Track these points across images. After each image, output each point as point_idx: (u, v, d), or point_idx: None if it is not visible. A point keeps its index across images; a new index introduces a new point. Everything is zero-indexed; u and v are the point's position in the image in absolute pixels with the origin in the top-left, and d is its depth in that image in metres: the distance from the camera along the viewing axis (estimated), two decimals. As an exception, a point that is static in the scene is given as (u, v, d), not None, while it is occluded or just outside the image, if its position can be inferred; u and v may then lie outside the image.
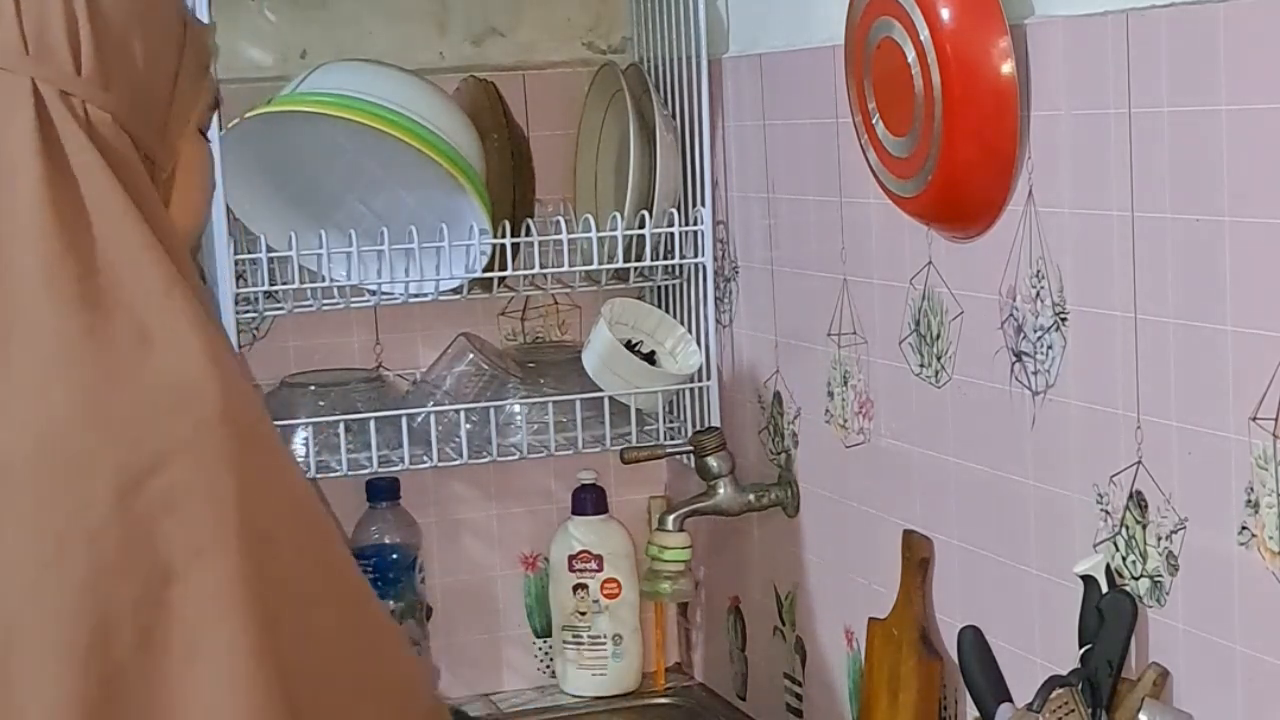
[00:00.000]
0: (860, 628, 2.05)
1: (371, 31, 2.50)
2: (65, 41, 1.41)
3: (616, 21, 2.61)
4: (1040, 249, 1.68)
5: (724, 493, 2.28)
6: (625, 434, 2.40)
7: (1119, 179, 1.57)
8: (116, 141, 1.42)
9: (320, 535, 1.44)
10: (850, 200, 2.04)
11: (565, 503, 2.57)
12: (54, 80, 1.41)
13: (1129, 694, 1.56)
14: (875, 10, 1.79)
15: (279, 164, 2.31)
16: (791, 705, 2.30)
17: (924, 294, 1.89)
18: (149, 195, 1.43)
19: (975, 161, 1.70)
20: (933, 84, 1.70)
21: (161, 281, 1.39)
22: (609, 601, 2.53)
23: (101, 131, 1.41)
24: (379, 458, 2.32)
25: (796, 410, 2.22)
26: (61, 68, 1.41)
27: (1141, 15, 1.52)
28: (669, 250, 2.39)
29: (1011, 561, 1.78)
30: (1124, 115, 1.55)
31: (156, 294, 1.39)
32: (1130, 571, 1.60)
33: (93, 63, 1.41)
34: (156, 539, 1.33)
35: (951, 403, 1.86)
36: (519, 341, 2.59)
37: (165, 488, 1.34)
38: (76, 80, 1.41)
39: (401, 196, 2.39)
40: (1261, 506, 1.43)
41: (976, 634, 1.79)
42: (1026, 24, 1.67)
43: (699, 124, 2.35)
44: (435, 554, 2.56)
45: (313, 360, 2.48)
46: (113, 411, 1.35)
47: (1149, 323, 1.55)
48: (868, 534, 2.06)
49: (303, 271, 2.27)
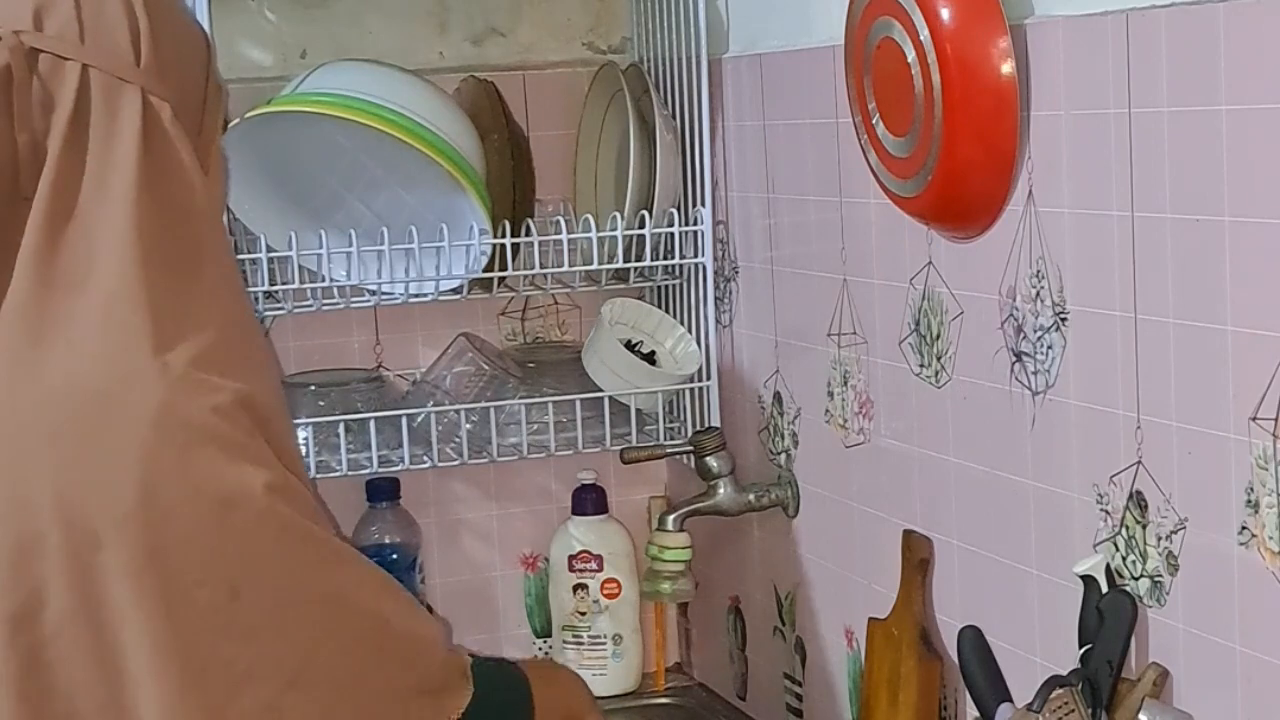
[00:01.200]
0: (860, 628, 2.05)
1: (371, 31, 2.50)
2: (127, 32, 1.44)
3: (616, 21, 2.61)
4: (1040, 249, 1.68)
5: (724, 493, 2.28)
6: (625, 434, 2.40)
7: (1119, 179, 1.57)
8: (174, 131, 1.45)
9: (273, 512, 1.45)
10: (850, 200, 2.03)
11: (565, 503, 2.57)
12: (111, 69, 1.43)
13: (1129, 694, 1.56)
14: (875, 10, 1.79)
15: (279, 164, 2.31)
16: (791, 705, 2.30)
17: (924, 294, 1.89)
18: (199, 193, 1.46)
19: (975, 161, 1.70)
20: (933, 84, 1.70)
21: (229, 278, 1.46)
22: (609, 601, 2.53)
23: (162, 121, 1.44)
24: (379, 458, 2.32)
25: (796, 410, 2.22)
26: (121, 57, 1.43)
27: (1141, 15, 1.52)
28: (669, 250, 2.39)
29: (1011, 561, 1.78)
30: (1124, 115, 1.55)
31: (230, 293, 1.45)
32: (1130, 571, 1.60)
33: (151, 54, 1.44)
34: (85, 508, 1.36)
35: (951, 403, 1.86)
36: (519, 341, 2.59)
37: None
38: (135, 70, 1.43)
39: (401, 196, 2.39)
40: (1261, 506, 1.43)
41: (976, 634, 1.79)
42: (1026, 24, 1.67)
43: (699, 124, 2.35)
44: (435, 554, 2.56)
45: (313, 360, 2.48)
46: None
47: (1149, 323, 1.55)
48: (868, 534, 2.06)
49: (303, 271, 2.27)
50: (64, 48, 1.44)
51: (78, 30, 1.44)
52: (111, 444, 1.38)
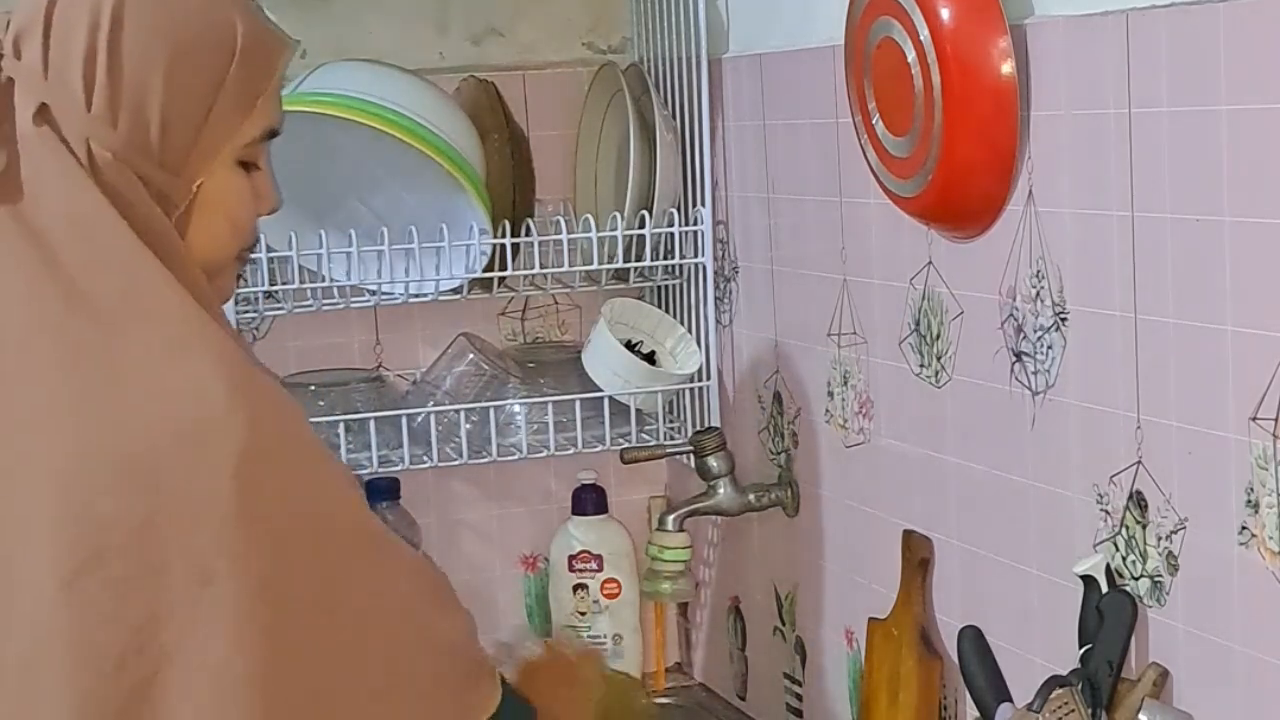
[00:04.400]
0: (860, 628, 2.05)
1: (371, 31, 2.50)
2: (80, 76, 1.44)
3: (616, 21, 2.61)
4: (1040, 249, 1.68)
5: (724, 493, 2.28)
6: (625, 434, 2.40)
7: (1119, 179, 1.57)
8: (118, 178, 1.44)
9: (333, 536, 1.47)
10: (850, 200, 2.03)
11: (565, 503, 2.57)
12: (61, 110, 1.44)
13: (1129, 694, 1.56)
14: (875, 10, 1.79)
15: (279, 164, 2.30)
16: (791, 705, 2.30)
17: (924, 294, 1.89)
18: (150, 227, 1.45)
19: (975, 161, 1.70)
20: (933, 84, 1.70)
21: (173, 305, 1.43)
22: (609, 601, 2.53)
23: (101, 167, 1.43)
24: (379, 458, 2.32)
25: (796, 410, 2.22)
26: (73, 101, 1.44)
27: (1141, 15, 1.52)
28: (669, 250, 2.39)
29: (1011, 561, 1.78)
30: (1124, 115, 1.55)
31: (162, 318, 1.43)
32: (1130, 571, 1.60)
33: (104, 101, 1.44)
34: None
35: (951, 403, 1.86)
36: (519, 341, 2.59)
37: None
38: (85, 117, 1.43)
39: (401, 196, 2.39)
40: (1261, 506, 1.43)
41: (976, 634, 1.79)
42: (1026, 24, 1.67)
43: (699, 124, 2.34)
44: (435, 554, 2.53)
45: (313, 360, 2.48)
46: (120, 450, 1.39)
47: (1149, 323, 1.55)
48: (868, 534, 2.05)
49: (303, 271, 2.27)
50: (31, 81, 1.44)
51: (43, 66, 1.44)
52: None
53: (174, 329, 1.42)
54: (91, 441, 1.39)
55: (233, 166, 1.51)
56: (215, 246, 1.52)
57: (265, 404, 1.43)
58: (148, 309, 1.42)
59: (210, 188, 1.49)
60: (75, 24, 1.43)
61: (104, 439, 1.39)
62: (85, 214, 1.42)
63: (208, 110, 1.47)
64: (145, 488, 1.38)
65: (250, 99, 1.50)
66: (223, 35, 1.48)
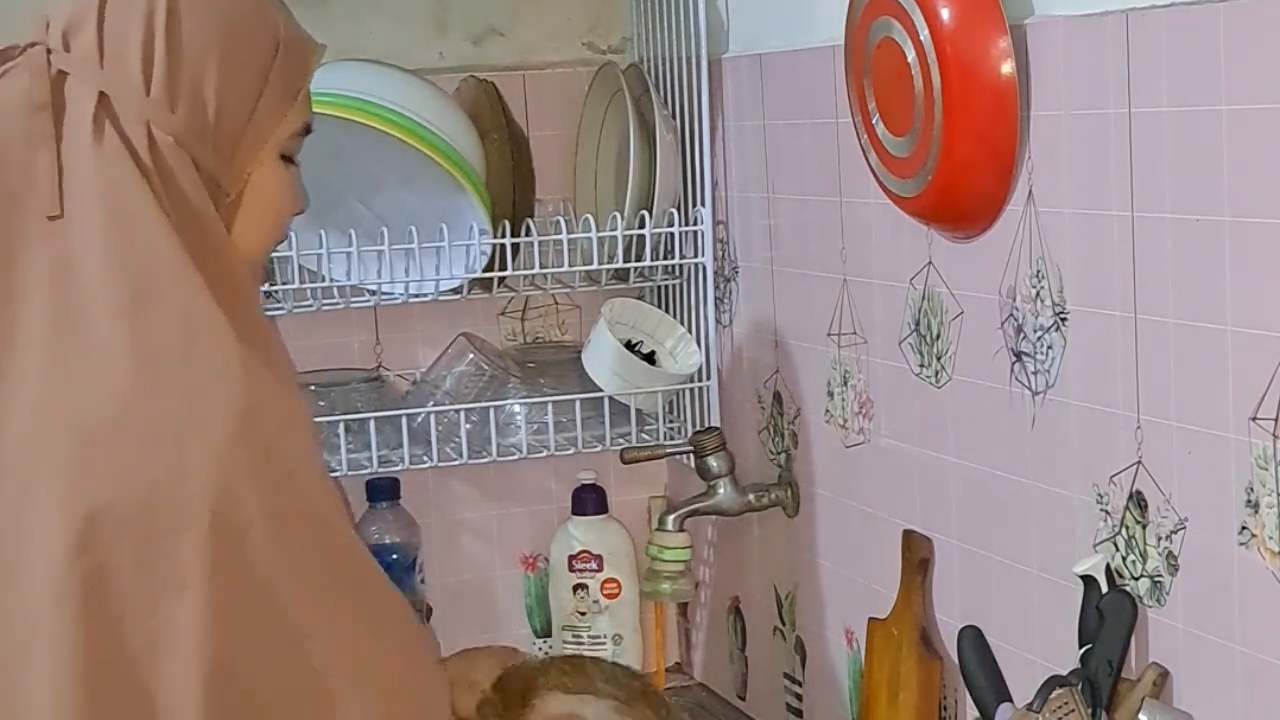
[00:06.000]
0: (860, 628, 2.05)
1: (371, 31, 2.50)
2: (139, 60, 1.45)
3: (616, 21, 2.61)
4: (1040, 249, 1.68)
5: (724, 493, 2.28)
6: (625, 434, 2.40)
7: (1119, 179, 1.57)
8: (175, 163, 1.45)
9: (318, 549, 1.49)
10: (850, 200, 2.03)
11: (565, 503, 2.57)
12: (120, 96, 1.44)
13: (1129, 694, 1.56)
14: (875, 10, 1.79)
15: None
16: (791, 705, 2.30)
17: (924, 294, 1.89)
18: (202, 218, 1.46)
19: (975, 161, 1.70)
20: (933, 84, 1.70)
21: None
22: (609, 601, 2.53)
23: (163, 152, 1.44)
24: (379, 458, 2.32)
25: (796, 410, 2.22)
26: (132, 85, 1.44)
27: (1141, 15, 1.52)
28: (669, 250, 2.39)
29: (1011, 561, 1.78)
30: (1124, 115, 1.55)
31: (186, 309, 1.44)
32: (1130, 571, 1.60)
33: (162, 84, 1.45)
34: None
35: (951, 403, 1.86)
36: (519, 341, 2.59)
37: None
38: (144, 100, 1.44)
39: (401, 196, 2.39)
40: (1261, 506, 1.43)
41: (976, 634, 1.79)
42: (1026, 24, 1.67)
43: (699, 124, 2.35)
44: (435, 554, 2.55)
45: (313, 360, 2.48)
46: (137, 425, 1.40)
47: (1149, 323, 1.55)
48: (868, 534, 2.05)
49: (302, 271, 2.27)
50: (87, 70, 1.45)
51: (98, 55, 1.46)
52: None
53: (175, 331, 1.42)
54: (80, 434, 1.40)
55: (277, 159, 1.55)
56: (259, 239, 1.55)
57: (261, 410, 1.44)
58: (158, 305, 1.43)
59: (259, 178, 1.53)
60: (131, 12, 1.46)
61: (98, 435, 1.40)
62: (125, 209, 1.43)
63: (257, 97, 1.51)
64: (137, 485, 1.39)
65: (292, 91, 1.54)
66: (268, 27, 1.52)
